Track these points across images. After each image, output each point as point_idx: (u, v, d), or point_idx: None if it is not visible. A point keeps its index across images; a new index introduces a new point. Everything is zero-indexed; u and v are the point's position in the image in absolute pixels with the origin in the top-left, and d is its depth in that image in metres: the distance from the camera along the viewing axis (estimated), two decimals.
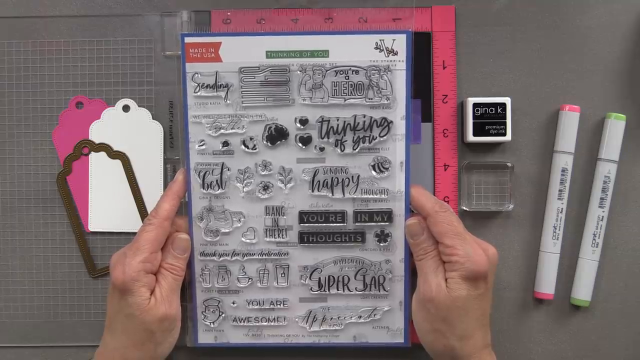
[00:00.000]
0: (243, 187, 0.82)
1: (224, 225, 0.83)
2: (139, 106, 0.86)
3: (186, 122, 0.82)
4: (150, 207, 0.86)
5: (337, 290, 0.83)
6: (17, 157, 0.87)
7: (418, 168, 0.85)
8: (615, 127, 0.86)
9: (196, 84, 0.81)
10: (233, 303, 0.84)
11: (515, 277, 0.87)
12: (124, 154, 0.86)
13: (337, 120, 0.81)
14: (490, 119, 0.84)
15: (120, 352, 0.78)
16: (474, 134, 0.85)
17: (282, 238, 0.83)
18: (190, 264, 0.83)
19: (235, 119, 0.82)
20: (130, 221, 0.87)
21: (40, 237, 0.87)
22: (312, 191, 0.82)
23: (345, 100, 0.81)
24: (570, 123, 0.85)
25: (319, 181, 0.82)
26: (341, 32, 0.82)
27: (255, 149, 0.82)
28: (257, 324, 0.84)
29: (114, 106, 0.86)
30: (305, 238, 0.83)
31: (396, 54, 0.81)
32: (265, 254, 0.83)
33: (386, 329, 0.84)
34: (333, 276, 0.83)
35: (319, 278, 0.83)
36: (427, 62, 0.86)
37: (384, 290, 0.83)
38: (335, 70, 0.81)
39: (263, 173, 0.82)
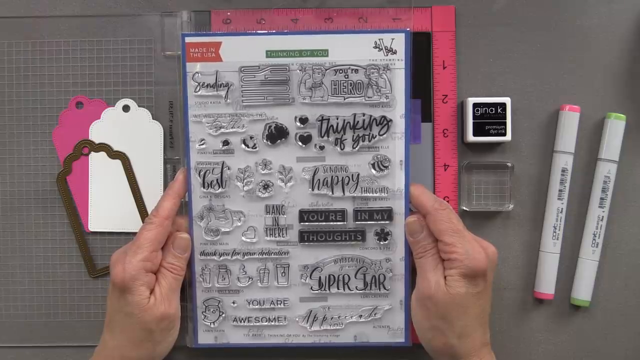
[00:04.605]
0: (243, 186, 0.82)
1: (224, 225, 0.83)
2: (139, 106, 0.86)
3: (186, 122, 0.82)
4: (150, 207, 0.86)
5: (338, 289, 0.83)
6: (17, 157, 0.87)
7: (418, 168, 0.85)
8: (615, 127, 0.86)
9: (196, 84, 0.81)
10: (233, 303, 0.84)
11: (515, 277, 0.87)
12: (124, 154, 0.86)
13: (337, 118, 0.81)
14: (490, 119, 0.84)
15: (119, 351, 0.78)
16: (474, 134, 0.85)
17: (283, 237, 0.83)
18: (190, 264, 0.83)
19: (235, 118, 0.82)
20: (130, 221, 0.87)
21: (40, 237, 0.87)
22: (312, 190, 0.82)
23: (344, 99, 0.81)
24: (570, 123, 0.86)
25: (319, 180, 0.82)
26: (340, 32, 0.82)
27: (256, 147, 0.82)
28: (258, 324, 0.84)
29: (114, 106, 0.86)
30: (305, 237, 0.83)
31: (395, 52, 0.81)
32: (266, 253, 0.83)
33: (387, 329, 0.84)
34: (333, 275, 0.83)
35: (320, 277, 0.83)
36: (427, 62, 0.86)
37: (385, 289, 0.83)
38: (334, 69, 0.81)
39: (263, 172, 0.82)
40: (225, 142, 0.82)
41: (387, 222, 0.82)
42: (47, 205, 0.87)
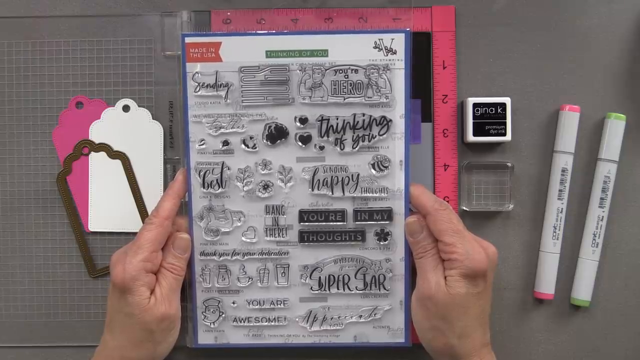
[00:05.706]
0: (243, 187, 0.82)
1: (224, 225, 0.83)
2: (139, 106, 0.86)
3: (186, 122, 0.82)
4: (150, 207, 0.86)
5: (338, 289, 0.83)
6: (17, 157, 0.87)
7: (418, 168, 0.85)
8: (615, 127, 0.86)
9: (196, 84, 0.81)
10: (233, 303, 0.84)
11: (515, 277, 0.87)
12: (124, 154, 0.86)
13: (337, 119, 0.81)
14: (490, 119, 0.84)
15: (119, 351, 0.78)
16: (474, 134, 0.85)
17: (282, 237, 0.83)
18: (190, 264, 0.83)
19: (235, 118, 0.82)
20: (130, 221, 0.87)
21: (40, 237, 0.87)
22: (312, 190, 0.82)
23: (344, 99, 0.81)
24: (570, 123, 0.86)
25: (318, 180, 0.82)
26: (340, 32, 0.82)
27: (255, 148, 0.82)
28: (258, 324, 0.84)
29: (114, 106, 0.86)
30: (305, 237, 0.83)
31: (395, 53, 0.81)
32: (266, 253, 0.83)
33: (387, 329, 0.84)
34: (333, 275, 0.83)
35: (319, 277, 0.83)
36: (427, 62, 0.86)
37: (385, 289, 0.83)
38: (334, 70, 0.81)
39: (263, 172, 0.82)
40: (225, 142, 0.82)
41: (387, 222, 0.82)
42: (47, 205, 0.87)
